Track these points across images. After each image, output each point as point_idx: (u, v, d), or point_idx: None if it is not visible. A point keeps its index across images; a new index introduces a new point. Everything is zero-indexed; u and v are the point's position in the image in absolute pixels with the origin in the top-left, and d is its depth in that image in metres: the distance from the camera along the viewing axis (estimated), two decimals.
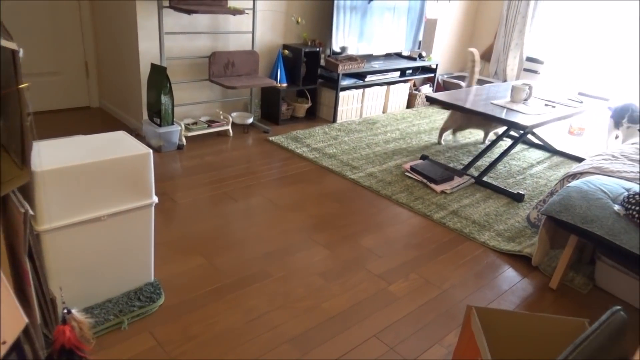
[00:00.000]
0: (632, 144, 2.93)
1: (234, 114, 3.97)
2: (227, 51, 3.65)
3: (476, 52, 3.91)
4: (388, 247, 2.49)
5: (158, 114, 3.29)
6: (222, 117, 3.81)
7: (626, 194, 2.04)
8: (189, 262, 2.21)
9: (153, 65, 3.28)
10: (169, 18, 3.42)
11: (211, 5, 3.36)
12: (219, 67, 3.62)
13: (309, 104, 4.36)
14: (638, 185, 2.21)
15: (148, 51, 3.41)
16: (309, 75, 4.31)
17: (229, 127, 3.79)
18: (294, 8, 4.16)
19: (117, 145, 1.76)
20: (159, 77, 3.22)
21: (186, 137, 3.58)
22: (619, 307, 0.86)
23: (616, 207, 1.97)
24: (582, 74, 5.23)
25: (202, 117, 3.82)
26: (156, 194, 1.88)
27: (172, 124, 3.36)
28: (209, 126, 3.68)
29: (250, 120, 3.96)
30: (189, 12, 3.19)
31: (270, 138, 3.80)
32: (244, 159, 3.40)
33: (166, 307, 1.91)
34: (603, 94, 4.75)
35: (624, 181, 2.26)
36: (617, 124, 3.86)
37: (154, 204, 1.85)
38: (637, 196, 1.93)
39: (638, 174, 2.38)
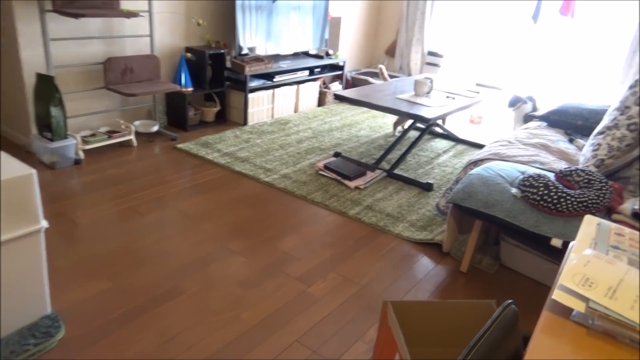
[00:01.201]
0: (525, 129, 3.15)
1: (136, 123, 3.75)
2: (124, 56, 3.43)
3: (384, 68, 4.20)
4: (306, 248, 2.47)
5: (49, 128, 3.01)
6: (123, 126, 3.58)
7: (521, 177, 2.18)
8: (92, 287, 2.03)
9: (39, 75, 2.99)
10: (55, 23, 3.14)
11: (101, 8, 3.14)
12: (116, 74, 3.40)
13: (218, 108, 4.23)
14: (531, 168, 2.37)
15: (32, 60, 3.11)
16: (216, 78, 4.18)
17: (132, 137, 3.57)
18: (194, 9, 4.01)
19: None
20: (47, 87, 2.95)
21: (84, 151, 3.32)
22: (510, 301, 0.89)
23: (513, 191, 2.09)
24: (477, 65, 5.57)
25: (101, 128, 3.56)
26: (52, 216, 1.70)
27: (66, 137, 3.09)
28: (110, 137, 3.43)
29: (156, 128, 3.76)
30: (76, 16, 2.95)
31: (179, 145, 3.63)
32: (150, 170, 3.21)
33: (67, 340, 1.74)
34: (497, 83, 5.09)
35: (519, 165, 2.41)
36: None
37: (43, 229, 1.67)
38: (530, 179, 2.06)
39: (530, 157, 2.55)
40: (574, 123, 3.14)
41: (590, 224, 0.84)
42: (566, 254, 0.80)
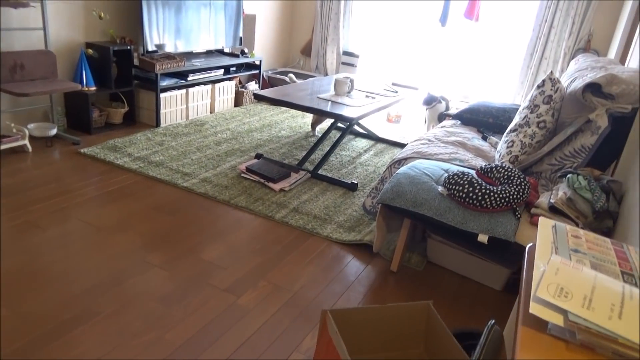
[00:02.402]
0: (441, 127, 3.25)
1: (31, 126, 3.35)
2: (12, 51, 3.04)
3: (294, 77, 4.27)
4: (232, 256, 2.33)
5: None
6: (14, 130, 3.17)
7: (445, 175, 2.22)
8: None
9: None
10: None
11: None
12: (4, 71, 3.00)
13: (126, 109, 3.92)
14: (454, 166, 2.43)
15: None
16: (122, 76, 3.87)
17: (26, 142, 3.18)
18: (95, 1, 3.67)
19: None
20: None
21: None
22: (492, 322, 0.86)
23: (439, 189, 2.12)
24: (392, 65, 5.72)
25: None
26: None
27: None
28: None
29: (54, 132, 3.38)
30: None
31: (82, 150, 3.30)
32: (50, 178, 2.87)
33: None
34: (412, 83, 5.26)
35: (442, 162, 2.47)
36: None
37: None
38: (455, 177, 2.10)
39: (450, 155, 2.63)
40: (485, 121, 3.29)
41: (545, 226, 0.83)
42: (524, 259, 0.77)
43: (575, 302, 0.59)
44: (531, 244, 0.80)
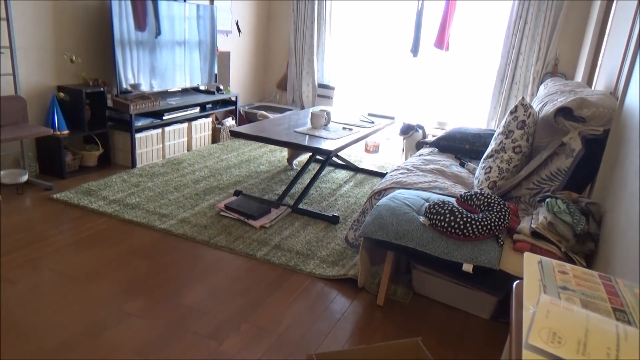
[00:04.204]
0: (419, 156, 3.26)
1: (1, 173, 3.25)
2: None
3: (265, 113, 4.45)
4: (213, 299, 2.25)
5: None
6: None
7: (426, 204, 2.21)
8: None
9: None
10: None
11: None
12: None
13: (101, 151, 3.85)
14: (434, 194, 2.42)
15: None
16: (96, 118, 3.81)
17: None
18: (66, 44, 3.65)
19: None
20: None
21: None
22: None
23: (421, 219, 2.10)
24: (368, 96, 5.79)
25: None
26: None
27: None
28: None
29: (25, 178, 3.28)
30: None
31: (55, 195, 3.20)
32: (20, 227, 2.77)
33: None
34: (388, 113, 5.32)
35: (421, 191, 2.46)
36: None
37: None
38: (436, 206, 2.08)
39: (430, 183, 2.62)
40: (462, 147, 3.32)
41: (531, 263, 0.81)
42: (512, 298, 0.75)
43: (570, 348, 0.56)
44: (517, 282, 0.78)
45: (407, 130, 4.20)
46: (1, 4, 3.10)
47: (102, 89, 3.71)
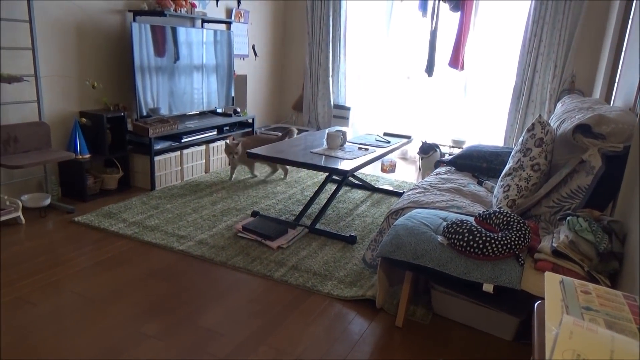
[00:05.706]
0: (436, 174, 3.25)
1: (24, 197, 3.33)
2: (6, 125, 3.07)
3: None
4: (230, 321, 2.24)
5: None
6: (7, 202, 3.15)
7: (444, 224, 2.19)
8: None
9: None
10: None
11: None
12: None
13: (121, 174, 3.92)
14: (451, 214, 2.40)
15: None
16: (116, 142, 3.90)
17: (20, 214, 3.14)
18: (88, 71, 3.76)
19: None
20: None
21: None
22: None
23: (439, 239, 2.08)
24: (384, 116, 5.81)
25: None
26: None
27: None
28: None
29: (48, 202, 3.36)
30: None
31: (76, 218, 3.26)
32: (42, 250, 2.82)
33: None
34: (405, 131, 5.32)
35: (439, 210, 2.44)
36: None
37: None
38: (454, 225, 2.06)
39: (447, 202, 2.60)
40: (479, 166, 3.30)
41: (552, 282, 0.79)
42: (534, 319, 0.73)
43: None
44: (539, 302, 0.76)
45: (428, 150, 4.20)
46: (27, 34, 3.22)
47: (122, 114, 3.80)
